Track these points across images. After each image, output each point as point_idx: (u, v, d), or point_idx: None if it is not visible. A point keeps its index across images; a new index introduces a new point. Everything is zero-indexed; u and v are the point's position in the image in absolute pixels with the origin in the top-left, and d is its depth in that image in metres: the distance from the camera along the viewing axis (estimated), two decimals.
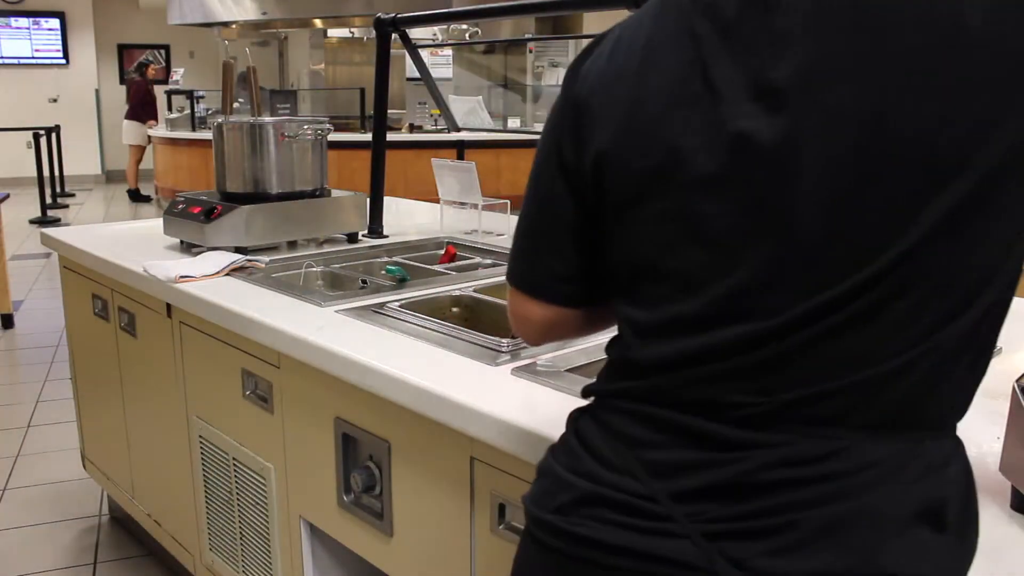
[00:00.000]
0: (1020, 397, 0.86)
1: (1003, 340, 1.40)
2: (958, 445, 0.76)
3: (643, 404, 0.78)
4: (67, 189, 10.56)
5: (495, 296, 1.78)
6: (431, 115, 7.89)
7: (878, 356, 0.70)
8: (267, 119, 2.28)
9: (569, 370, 1.31)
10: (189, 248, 2.21)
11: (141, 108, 10.05)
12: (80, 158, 11.77)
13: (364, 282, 1.99)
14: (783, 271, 0.70)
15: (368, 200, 2.42)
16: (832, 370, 0.70)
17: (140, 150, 10.24)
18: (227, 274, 1.94)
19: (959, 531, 0.72)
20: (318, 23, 8.85)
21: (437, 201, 2.59)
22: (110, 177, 12.27)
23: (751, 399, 0.73)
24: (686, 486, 0.73)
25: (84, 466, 2.73)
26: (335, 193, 2.36)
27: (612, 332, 0.86)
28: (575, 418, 0.85)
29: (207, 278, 1.90)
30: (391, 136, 2.88)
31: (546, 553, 0.81)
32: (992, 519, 0.86)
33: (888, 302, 0.68)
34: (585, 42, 0.86)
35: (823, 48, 0.67)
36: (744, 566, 0.70)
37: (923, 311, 0.68)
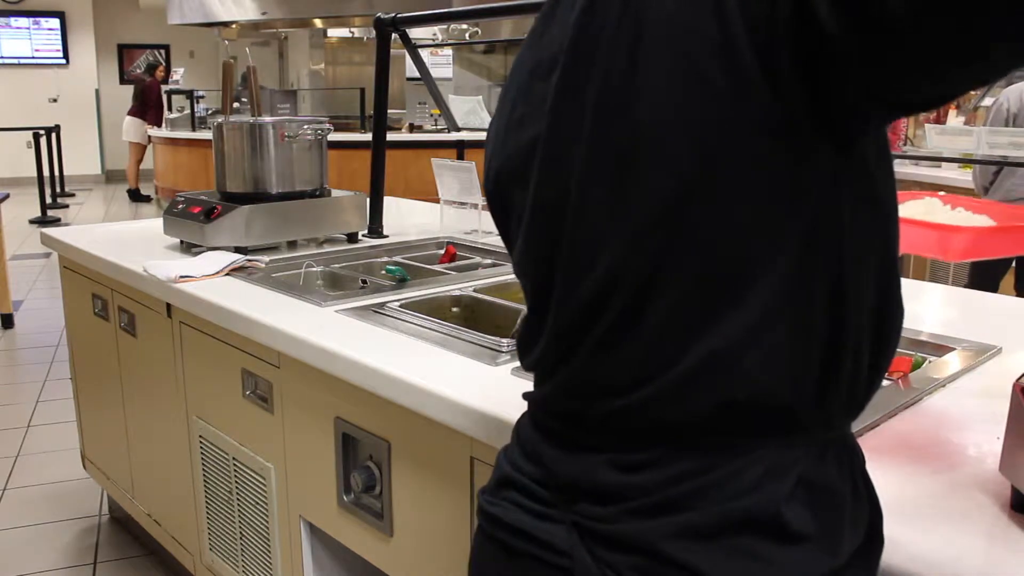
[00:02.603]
0: (1020, 397, 0.86)
1: (1003, 340, 1.42)
2: (823, 448, 0.72)
3: (534, 406, 0.85)
4: (67, 189, 10.57)
5: (495, 296, 1.78)
6: (431, 115, 7.89)
7: (657, 363, 0.69)
8: (267, 119, 2.28)
9: None
10: (189, 248, 2.21)
11: (149, 109, 10.04)
12: (80, 158, 11.78)
13: (364, 282, 1.99)
14: (550, 280, 0.76)
15: (368, 200, 2.42)
16: (621, 378, 0.72)
17: (140, 149, 10.24)
18: (227, 274, 1.94)
19: (821, 540, 0.69)
20: (318, 23, 8.85)
21: (437, 201, 2.59)
22: (110, 177, 12.27)
23: (580, 408, 0.76)
24: (564, 480, 0.77)
25: (84, 466, 2.73)
26: (335, 193, 2.36)
27: None
28: (520, 416, 0.90)
29: (207, 278, 1.90)
30: (391, 136, 2.88)
31: (479, 532, 0.87)
32: (992, 519, 0.86)
33: (646, 304, 0.69)
34: None
35: (565, 69, 0.72)
36: (594, 554, 0.73)
37: (685, 310, 0.68)
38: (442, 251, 2.31)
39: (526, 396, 0.86)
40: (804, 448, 0.71)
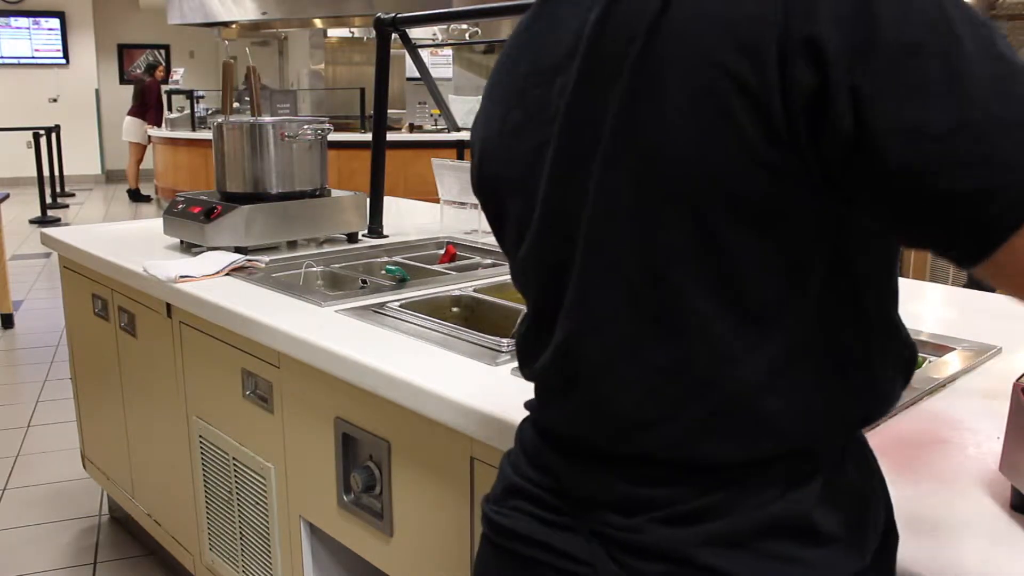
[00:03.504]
0: (1020, 397, 0.86)
1: (1003, 340, 1.42)
2: (843, 451, 0.72)
3: (537, 415, 0.83)
4: (67, 189, 10.57)
5: (495, 296, 1.78)
6: (431, 115, 7.88)
7: (669, 402, 0.69)
8: (267, 119, 2.28)
9: None
10: (189, 248, 2.21)
11: (149, 109, 10.04)
12: (80, 158, 11.78)
13: (364, 282, 1.99)
14: (557, 292, 0.74)
15: (368, 200, 2.42)
16: (630, 414, 0.71)
17: (141, 149, 10.24)
18: (227, 274, 1.94)
19: (849, 540, 0.70)
20: (318, 23, 8.85)
21: (437, 201, 2.59)
22: (110, 177, 12.27)
23: (588, 438, 0.75)
24: (579, 491, 0.76)
25: (84, 466, 2.73)
26: (335, 193, 2.36)
27: None
28: (522, 421, 0.88)
29: (207, 278, 1.90)
30: (391, 136, 2.88)
31: (484, 542, 0.85)
32: (992, 519, 0.86)
33: (659, 336, 0.68)
34: None
35: (579, 84, 0.70)
36: (619, 562, 0.72)
37: (702, 348, 0.66)
38: (442, 251, 2.31)
39: (528, 405, 0.85)
40: (826, 454, 0.71)
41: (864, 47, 0.54)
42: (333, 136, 2.48)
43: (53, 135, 9.57)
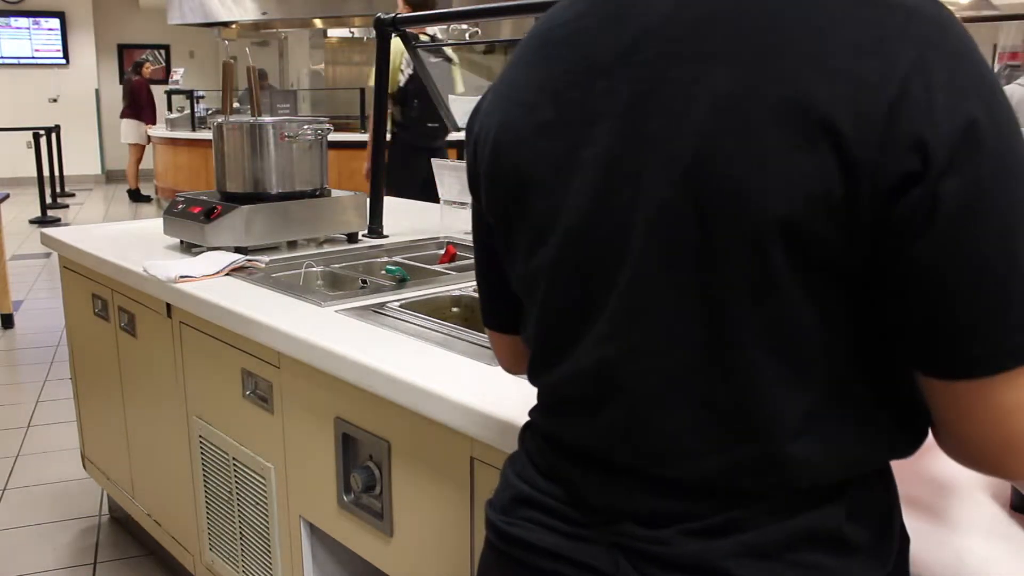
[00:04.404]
0: None
1: None
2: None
3: (551, 429, 0.81)
4: (67, 189, 10.57)
5: None
6: None
7: (706, 440, 0.69)
8: (267, 119, 2.28)
9: None
10: (189, 248, 2.21)
11: (143, 108, 10.04)
12: (80, 158, 11.78)
13: (364, 282, 1.99)
14: (586, 308, 0.72)
15: (368, 200, 2.42)
16: (660, 443, 0.71)
17: (140, 149, 10.24)
18: (227, 274, 1.94)
19: (874, 550, 0.71)
20: (318, 23, 8.86)
21: (437, 201, 2.59)
22: (110, 177, 12.27)
23: (608, 458, 0.74)
24: (599, 502, 0.75)
25: (84, 466, 2.73)
26: (335, 193, 2.36)
27: None
28: (525, 428, 0.87)
29: (207, 278, 1.90)
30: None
31: (491, 551, 0.84)
32: (992, 519, 0.86)
33: (696, 372, 0.67)
34: None
35: (637, 86, 0.67)
36: (646, 574, 0.72)
37: (743, 386, 0.66)
38: (442, 251, 2.31)
39: (532, 413, 0.84)
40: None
41: (961, 167, 0.57)
42: (333, 136, 2.49)
43: (53, 135, 9.57)
